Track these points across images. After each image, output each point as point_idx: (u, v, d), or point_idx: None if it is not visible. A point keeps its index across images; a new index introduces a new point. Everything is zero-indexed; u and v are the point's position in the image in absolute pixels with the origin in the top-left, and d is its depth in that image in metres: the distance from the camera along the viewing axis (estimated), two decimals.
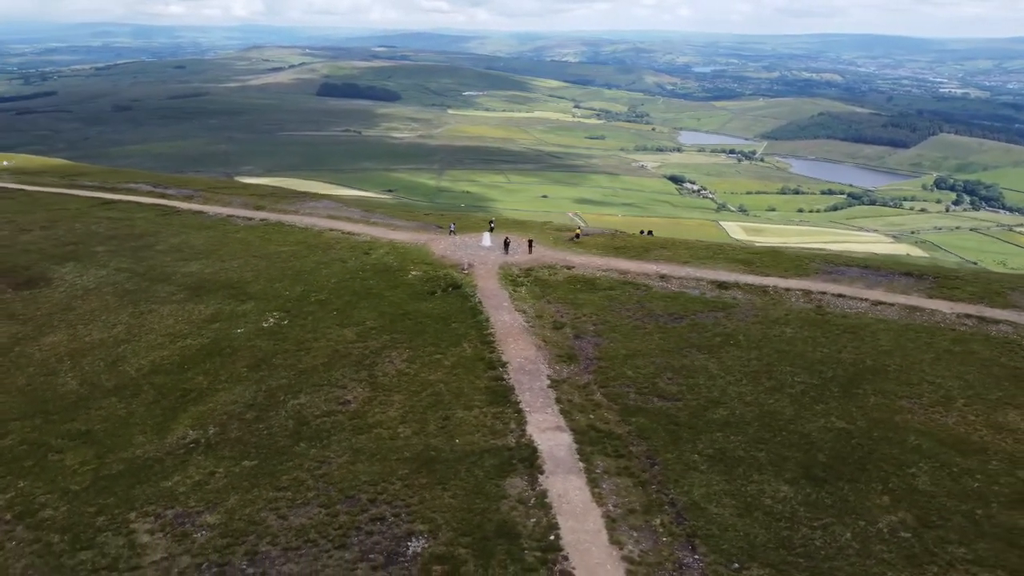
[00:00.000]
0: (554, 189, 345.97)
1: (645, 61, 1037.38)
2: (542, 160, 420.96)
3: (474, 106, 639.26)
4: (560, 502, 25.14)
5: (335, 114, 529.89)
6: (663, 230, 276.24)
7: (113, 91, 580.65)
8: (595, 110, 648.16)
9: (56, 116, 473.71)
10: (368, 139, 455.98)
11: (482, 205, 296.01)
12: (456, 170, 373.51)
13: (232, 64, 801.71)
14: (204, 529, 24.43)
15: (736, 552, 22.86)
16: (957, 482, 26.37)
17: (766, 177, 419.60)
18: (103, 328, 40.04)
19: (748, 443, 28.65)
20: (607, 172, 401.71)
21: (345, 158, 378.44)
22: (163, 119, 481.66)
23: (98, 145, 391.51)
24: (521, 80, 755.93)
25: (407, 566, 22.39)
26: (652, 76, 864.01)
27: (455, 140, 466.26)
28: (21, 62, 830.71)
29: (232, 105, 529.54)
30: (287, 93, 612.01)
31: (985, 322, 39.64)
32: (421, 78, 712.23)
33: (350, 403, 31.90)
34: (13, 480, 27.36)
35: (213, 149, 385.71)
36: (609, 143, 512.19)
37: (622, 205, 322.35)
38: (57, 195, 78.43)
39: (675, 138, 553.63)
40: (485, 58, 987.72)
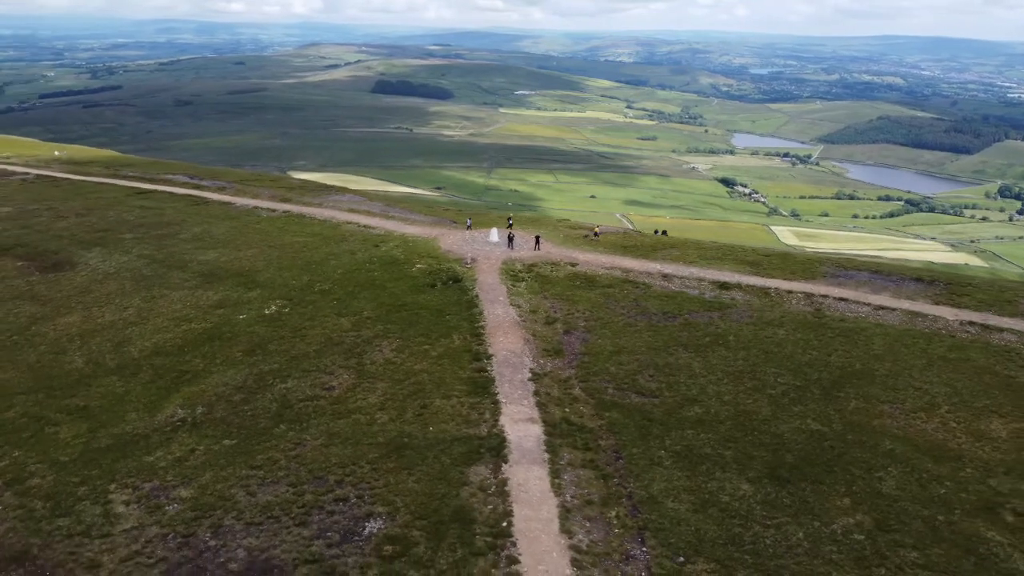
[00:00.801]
0: (603, 190, 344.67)
1: (700, 62, 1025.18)
2: (592, 160, 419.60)
3: (526, 105, 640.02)
4: (518, 491, 25.63)
5: (388, 111, 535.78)
6: (712, 233, 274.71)
7: (175, 86, 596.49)
8: (648, 111, 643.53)
9: (120, 109, 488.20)
10: (419, 136, 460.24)
11: (529, 204, 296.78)
12: (505, 168, 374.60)
13: (290, 61, 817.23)
14: (176, 502, 25.51)
15: (684, 546, 23.08)
16: (924, 488, 26.13)
17: (820, 181, 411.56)
18: (115, 311, 41.80)
19: (717, 441, 28.74)
20: (657, 173, 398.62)
21: (396, 155, 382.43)
22: (222, 114, 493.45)
23: (159, 138, 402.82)
24: (574, 80, 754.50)
25: (360, 545, 23.12)
26: (707, 77, 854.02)
27: (505, 139, 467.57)
28: (90, 57, 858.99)
29: (288, 101, 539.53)
30: (342, 90, 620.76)
31: (988, 330, 38.83)
32: (474, 76, 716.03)
33: (334, 389, 32.83)
34: (9, 450, 28.89)
35: (268, 144, 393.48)
36: (660, 144, 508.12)
37: (671, 207, 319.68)
38: (99, 184, 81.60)
39: (728, 140, 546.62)
40: (538, 57, 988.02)
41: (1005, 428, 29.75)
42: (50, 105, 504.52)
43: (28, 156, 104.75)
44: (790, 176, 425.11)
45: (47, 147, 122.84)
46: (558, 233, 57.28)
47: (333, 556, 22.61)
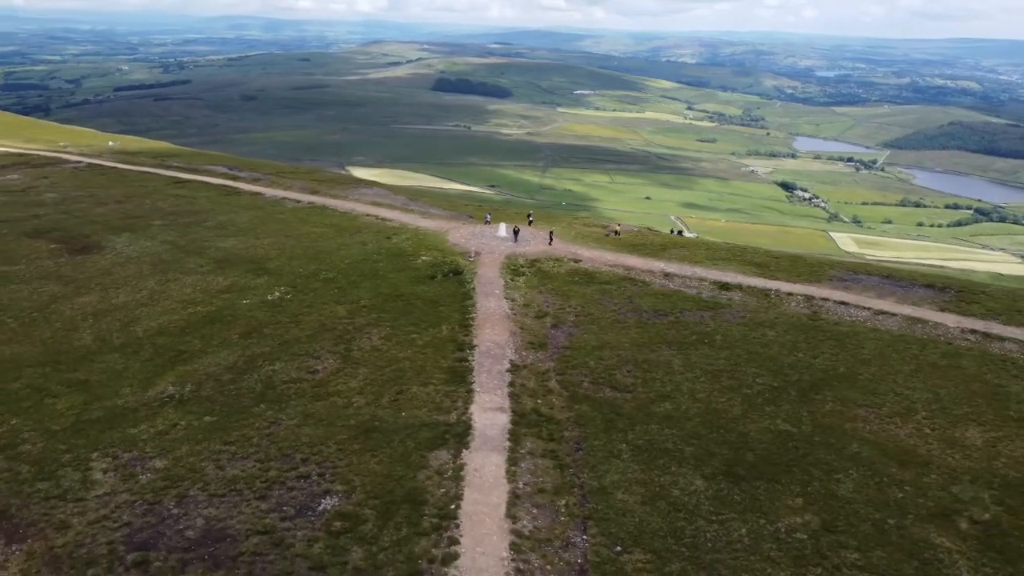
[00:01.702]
0: (658, 191, 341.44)
1: (765, 64, 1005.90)
2: (649, 161, 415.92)
3: (584, 105, 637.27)
4: (473, 476, 26.27)
5: (447, 109, 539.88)
6: (769, 238, 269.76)
7: (242, 81, 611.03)
8: (708, 112, 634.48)
9: (189, 103, 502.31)
10: (476, 134, 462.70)
11: (583, 204, 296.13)
12: (560, 168, 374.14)
13: (353, 58, 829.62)
14: (150, 472, 26.88)
15: (624, 536, 23.42)
16: (881, 491, 25.91)
17: (885, 188, 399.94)
18: (130, 292, 43.78)
19: (681, 437, 28.90)
20: (715, 176, 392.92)
21: (453, 152, 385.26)
22: (285, 109, 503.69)
23: (225, 132, 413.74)
24: (634, 80, 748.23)
25: (313, 520, 24.07)
26: (771, 79, 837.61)
27: (562, 138, 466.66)
28: (162, 52, 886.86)
29: (350, 97, 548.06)
30: (403, 87, 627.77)
31: (989, 338, 37.92)
32: (533, 76, 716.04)
33: (318, 372, 33.94)
34: (8, 417, 30.71)
35: (329, 139, 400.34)
36: (720, 147, 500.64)
37: (727, 211, 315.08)
38: (142, 173, 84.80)
39: (790, 144, 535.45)
40: (599, 57, 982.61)
41: (981, 437, 29.20)
42: (123, 98, 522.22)
43: (84, 145, 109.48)
44: (853, 181, 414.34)
45: (102, 137, 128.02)
46: (571, 230, 57.64)
47: (285, 529, 23.59)
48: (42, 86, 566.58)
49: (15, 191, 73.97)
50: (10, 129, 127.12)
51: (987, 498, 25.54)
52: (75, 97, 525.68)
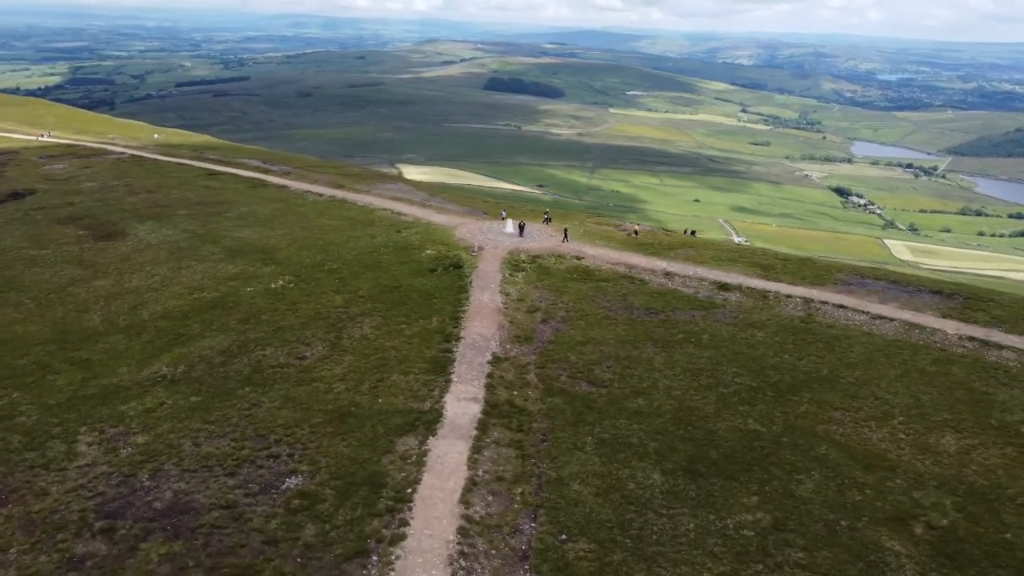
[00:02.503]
0: (708, 194, 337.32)
1: (824, 66, 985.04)
2: (700, 164, 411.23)
3: (636, 106, 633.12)
4: (435, 462, 26.91)
5: (498, 108, 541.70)
6: (821, 245, 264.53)
7: (299, 78, 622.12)
8: (763, 115, 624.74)
9: (246, 99, 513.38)
10: (527, 134, 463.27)
11: (631, 205, 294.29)
12: (609, 169, 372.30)
13: (407, 56, 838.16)
14: (131, 447, 28.15)
15: (572, 525, 23.82)
16: (841, 493, 25.82)
17: (945, 195, 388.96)
18: (143, 277, 45.55)
19: (647, 433, 29.11)
20: (767, 180, 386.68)
21: (502, 151, 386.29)
22: (339, 106, 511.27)
23: (280, 127, 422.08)
24: (688, 81, 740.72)
25: (274, 497, 25.00)
26: (830, 82, 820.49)
27: (612, 139, 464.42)
28: (223, 49, 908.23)
29: (403, 95, 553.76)
30: (455, 86, 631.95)
31: (988, 346, 37.11)
32: (586, 76, 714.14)
33: (306, 358, 34.96)
34: (11, 391, 32.41)
35: (380, 137, 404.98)
36: (774, 150, 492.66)
37: (779, 215, 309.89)
38: (179, 165, 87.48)
39: (847, 148, 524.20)
40: (653, 58, 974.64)
41: (956, 444, 28.77)
42: (184, 93, 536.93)
43: (130, 138, 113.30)
44: (911, 188, 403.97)
45: (148, 130, 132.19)
46: (581, 228, 57.75)
47: (246, 504, 24.56)
48: (108, 81, 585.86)
49: (58, 180, 77.14)
50: (64, 121, 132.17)
51: (949, 504, 25.25)
52: (139, 92, 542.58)
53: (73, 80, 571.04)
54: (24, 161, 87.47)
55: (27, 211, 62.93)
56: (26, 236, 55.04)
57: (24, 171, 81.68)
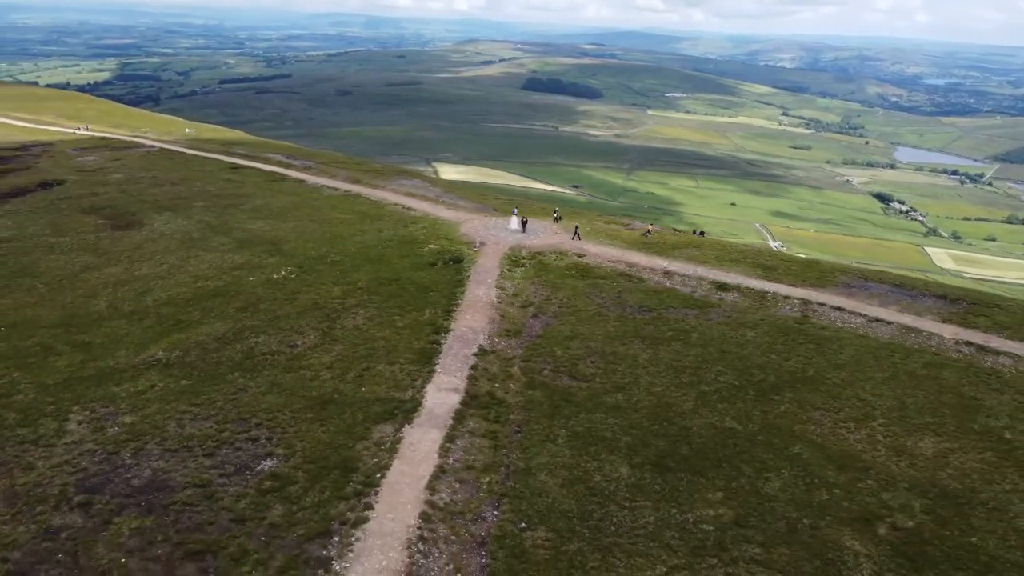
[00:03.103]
0: (745, 198, 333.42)
1: (869, 70, 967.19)
2: (738, 167, 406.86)
3: (675, 108, 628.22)
4: (408, 449, 27.39)
5: (536, 108, 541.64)
6: (860, 251, 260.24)
7: (339, 76, 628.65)
8: (804, 119, 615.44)
9: (287, 97, 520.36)
10: (564, 135, 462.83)
11: (666, 208, 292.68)
12: (646, 171, 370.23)
13: (447, 56, 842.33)
14: (118, 427, 29.04)
15: (533, 515, 24.12)
16: (808, 493, 25.76)
17: (992, 203, 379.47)
18: (152, 266, 46.82)
19: (622, 427, 29.28)
20: (807, 185, 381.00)
21: (538, 151, 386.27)
22: (378, 105, 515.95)
23: (319, 125, 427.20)
24: (728, 84, 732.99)
25: (248, 478, 25.68)
26: (874, 86, 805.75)
27: (650, 140, 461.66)
28: (267, 47, 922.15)
29: (442, 95, 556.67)
30: (494, 86, 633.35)
31: (984, 352, 36.56)
32: (625, 77, 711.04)
33: (297, 346, 35.70)
34: (12, 371, 33.58)
35: (417, 135, 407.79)
36: (814, 154, 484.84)
37: (817, 221, 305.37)
38: (205, 159, 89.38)
39: (890, 154, 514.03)
40: (694, 60, 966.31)
41: (934, 447, 28.50)
42: (227, 90, 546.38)
43: (163, 132, 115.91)
44: (955, 195, 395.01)
45: (181, 124, 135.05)
46: (588, 226, 57.86)
47: (219, 484, 25.26)
48: (155, 77, 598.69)
49: (87, 171, 79.35)
50: (102, 115, 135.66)
51: (918, 506, 25.07)
52: (183, 88, 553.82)
53: (121, 76, 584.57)
54: (58, 153, 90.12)
55: (53, 200, 64.97)
56: (48, 224, 56.88)
57: (57, 162, 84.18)
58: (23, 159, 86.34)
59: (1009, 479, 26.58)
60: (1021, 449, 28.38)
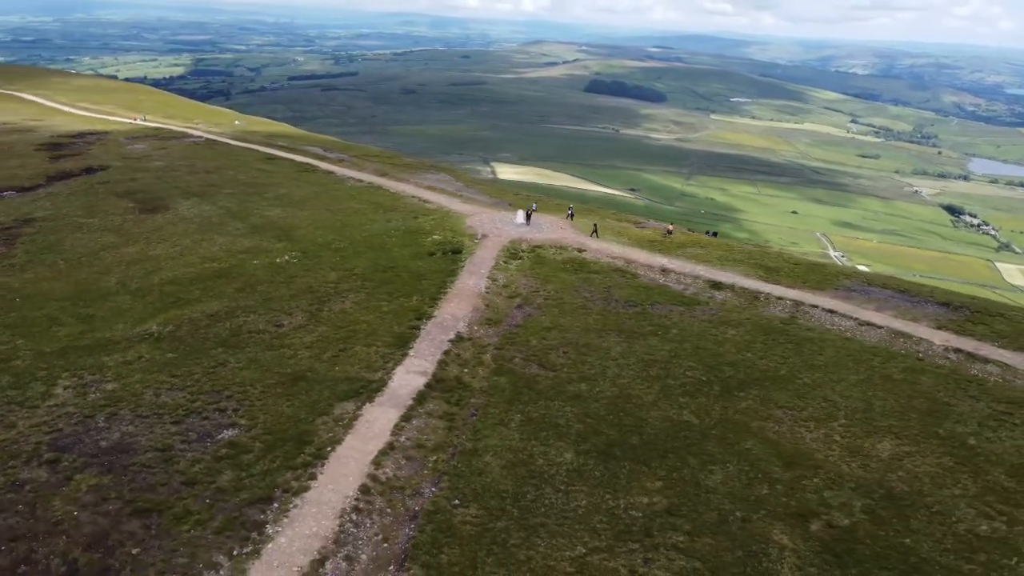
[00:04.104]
0: (808, 206, 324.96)
1: (946, 78, 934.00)
2: (802, 175, 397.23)
3: (740, 113, 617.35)
4: (363, 426, 28.33)
5: (598, 110, 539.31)
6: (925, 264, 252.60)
7: (404, 75, 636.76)
8: (874, 127, 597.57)
9: (352, 94, 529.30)
10: (624, 138, 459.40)
11: (724, 214, 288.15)
12: (706, 176, 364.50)
13: (511, 57, 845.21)
14: (99, 393, 30.67)
15: (468, 493, 24.78)
16: (749, 487, 25.81)
17: None
18: (167, 247, 48.86)
19: (577, 416, 29.66)
20: (873, 194, 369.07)
21: (597, 154, 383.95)
22: (441, 104, 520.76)
23: (382, 123, 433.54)
24: (796, 89, 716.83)
25: (207, 445, 26.93)
26: (951, 95, 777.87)
27: (712, 145, 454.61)
28: (336, 45, 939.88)
29: (504, 95, 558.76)
30: (556, 87, 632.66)
31: (972, 359, 35.74)
32: (690, 81, 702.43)
33: (283, 326, 36.97)
34: (16, 338, 35.65)
35: (478, 135, 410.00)
36: (883, 163, 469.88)
37: (882, 232, 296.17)
38: (245, 149, 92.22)
39: (964, 165, 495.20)
40: (762, 64, 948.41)
41: (891, 449, 28.15)
42: (295, 87, 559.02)
43: (212, 123, 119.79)
44: None
45: (231, 116, 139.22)
46: (601, 223, 57.96)
47: (179, 449, 26.57)
48: (227, 72, 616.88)
49: (132, 158, 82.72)
50: (160, 107, 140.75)
51: (858, 506, 24.92)
52: (254, 84, 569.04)
53: (195, 71, 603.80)
54: (110, 141, 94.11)
55: (93, 184, 68.05)
56: (82, 206, 59.71)
57: (107, 150, 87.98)
58: (77, 146, 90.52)
59: (961, 484, 26.15)
60: (982, 456, 27.84)
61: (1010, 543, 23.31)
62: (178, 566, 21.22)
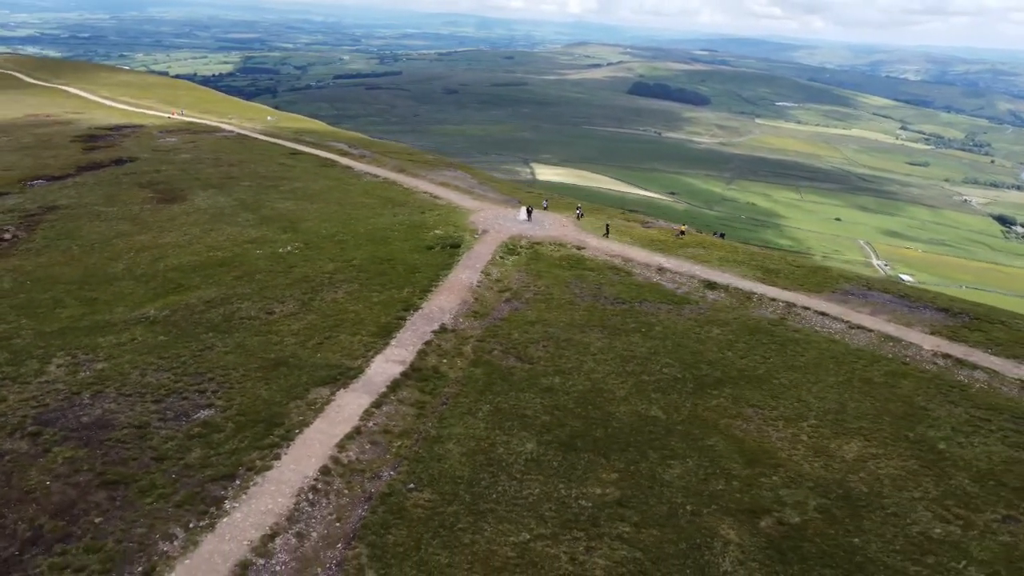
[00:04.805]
0: (852, 214, 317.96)
1: (1003, 85, 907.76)
2: (847, 182, 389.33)
3: (785, 117, 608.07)
4: (334, 411, 29.04)
5: (640, 113, 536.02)
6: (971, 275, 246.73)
7: (447, 75, 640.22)
8: (924, 134, 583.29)
9: (395, 93, 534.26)
10: (666, 141, 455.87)
11: (765, 220, 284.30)
12: (747, 180, 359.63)
13: (555, 58, 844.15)
14: (89, 371, 31.86)
15: (425, 478, 25.33)
16: (705, 483, 25.94)
17: None
18: (177, 236, 50.30)
19: (545, 407, 30.02)
20: (921, 203, 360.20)
21: (638, 157, 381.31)
22: (483, 104, 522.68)
23: (424, 122, 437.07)
24: (844, 95, 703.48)
25: (182, 423, 27.85)
26: (1006, 103, 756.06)
27: (755, 150, 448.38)
28: (381, 45, 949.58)
29: (546, 96, 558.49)
30: (599, 89, 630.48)
31: (961, 365, 35.25)
32: (735, 84, 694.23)
33: (274, 313, 37.92)
34: (21, 318, 37.14)
35: (518, 136, 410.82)
36: (932, 172, 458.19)
37: (928, 241, 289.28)
38: (272, 144, 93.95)
39: (1017, 174, 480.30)
40: (810, 69, 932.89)
41: (857, 451, 28.00)
42: (340, 85, 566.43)
43: (246, 119, 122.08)
44: None
45: (265, 112, 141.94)
46: (602, 220, 58.13)
47: (155, 426, 27.55)
48: (274, 70, 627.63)
49: (161, 151, 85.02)
50: (198, 102, 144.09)
51: (813, 505, 24.92)
52: (300, 82, 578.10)
53: (243, 69, 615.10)
54: (144, 134, 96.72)
55: (119, 175, 70.17)
56: (104, 196, 61.65)
57: (139, 142, 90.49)
58: (112, 138, 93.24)
59: (922, 487, 25.95)
60: (949, 460, 27.55)
61: (962, 547, 23.10)
62: (136, 536, 22.07)
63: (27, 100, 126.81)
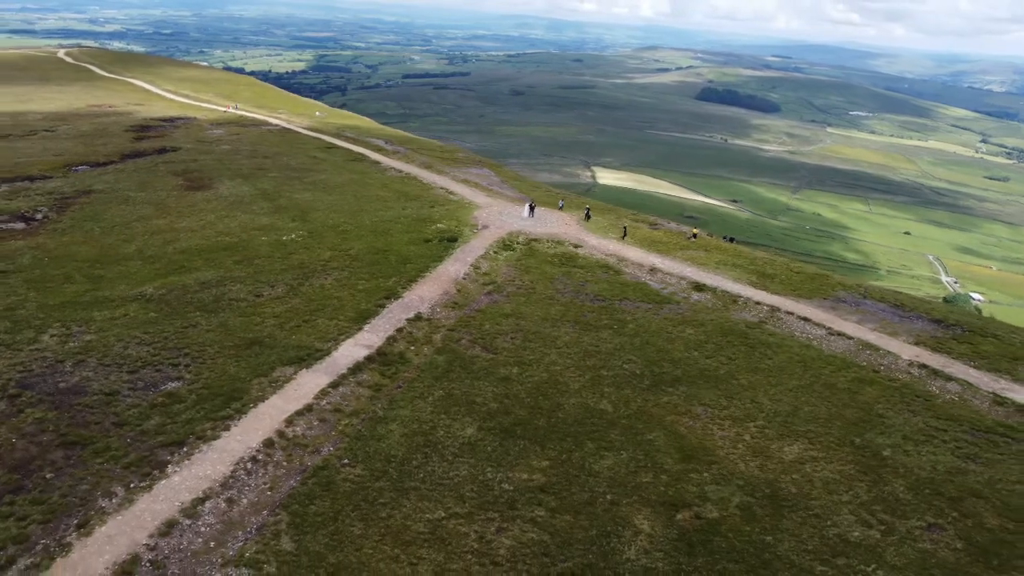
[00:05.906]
0: (924, 228, 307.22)
1: None
2: (920, 195, 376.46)
3: (858, 127, 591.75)
4: (291, 388, 30.38)
5: (707, 119, 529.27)
6: None
7: (515, 77, 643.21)
8: (1006, 148, 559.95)
9: (462, 93, 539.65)
10: (732, 148, 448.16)
11: (830, 231, 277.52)
12: (814, 190, 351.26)
13: (624, 62, 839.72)
14: (77, 342, 33.90)
15: (360, 455, 26.43)
16: (633, 475, 26.39)
17: None
18: (192, 221, 52.56)
19: (496, 396, 30.79)
20: (998, 219, 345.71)
21: (702, 163, 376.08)
22: (548, 106, 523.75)
23: (489, 123, 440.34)
24: (922, 105, 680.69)
25: (148, 393, 29.53)
26: None
27: (824, 159, 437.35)
28: (451, 45, 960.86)
29: (612, 100, 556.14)
30: (666, 93, 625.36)
31: (936, 375, 34.66)
32: (807, 92, 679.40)
33: (262, 296, 39.52)
34: (29, 292, 39.56)
35: (582, 139, 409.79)
36: (1012, 186, 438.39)
37: (1004, 259, 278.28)
38: (311, 138, 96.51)
39: None
40: (887, 78, 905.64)
41: (798, 453, 28.01)
42: (408, 85, 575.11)
43: (295, 114, 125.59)
44: None
45: (314, 107, 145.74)
46: (617, 223, 58.33)
47: (124, 395, 29.29)
48: (345, 69, 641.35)
49: (205, 142, 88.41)
50: (254, 96, 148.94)
51: (735, 502, 25.12)
52: (370, 81, 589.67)
53: (316, 67, 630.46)
54: (195, 126, 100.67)
55: (158, 163, 73.38)
56: (137, 182, 64.65)
57: (187, 133, 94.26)
58: (163, 129, 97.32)
59: (852, 491, 25.87)
60: (890, 467, 27.34)
61: (877, 551, 23.05)
62: (80, 492, 23.67)
63: (94, 92, 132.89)
